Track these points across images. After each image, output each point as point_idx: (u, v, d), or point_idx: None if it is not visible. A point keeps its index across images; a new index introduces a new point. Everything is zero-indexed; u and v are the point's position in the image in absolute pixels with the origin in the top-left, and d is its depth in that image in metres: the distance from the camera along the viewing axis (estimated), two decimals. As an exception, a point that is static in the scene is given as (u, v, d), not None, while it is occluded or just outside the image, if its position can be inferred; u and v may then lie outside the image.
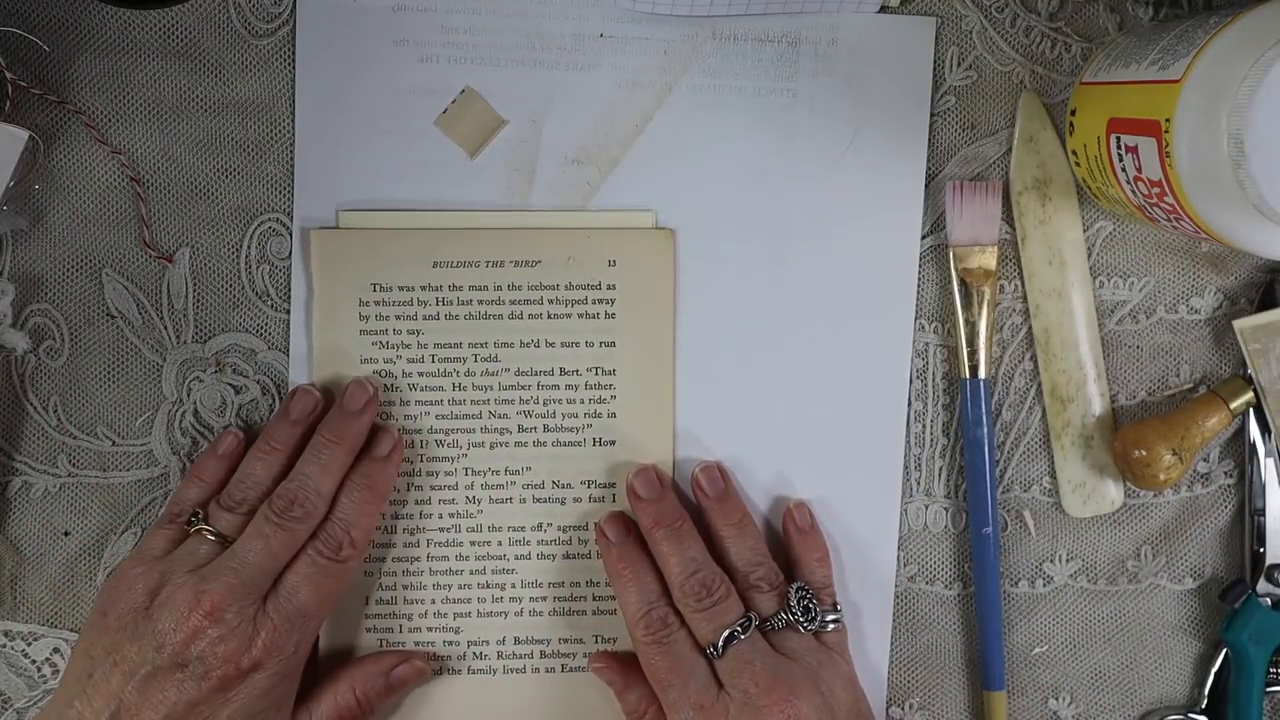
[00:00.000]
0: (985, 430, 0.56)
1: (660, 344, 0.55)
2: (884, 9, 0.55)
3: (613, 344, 0.55)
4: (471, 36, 0.54)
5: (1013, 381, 0.57)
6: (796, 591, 0.53)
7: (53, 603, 0.56)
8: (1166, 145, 0.44)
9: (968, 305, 0.56)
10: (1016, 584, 0.58)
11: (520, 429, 0.55)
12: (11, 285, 0.54)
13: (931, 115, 0.56)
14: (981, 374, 0.56)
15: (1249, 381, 0.55)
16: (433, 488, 0.56)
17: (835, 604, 0.55)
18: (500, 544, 0.56)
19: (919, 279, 0.56)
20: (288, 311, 0.55)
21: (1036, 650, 0.58)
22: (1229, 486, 0.58)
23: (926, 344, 0.57)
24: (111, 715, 0.48)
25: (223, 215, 0.55)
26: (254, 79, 0.55)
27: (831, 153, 0.56)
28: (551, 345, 0.55)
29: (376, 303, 0.55)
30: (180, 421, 0.56)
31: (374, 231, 0.55)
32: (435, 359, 0.55)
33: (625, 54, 0.55)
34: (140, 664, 0.48)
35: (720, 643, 0.51)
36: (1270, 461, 0.57)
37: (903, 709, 0.58)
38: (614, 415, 0.55)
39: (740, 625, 0.51)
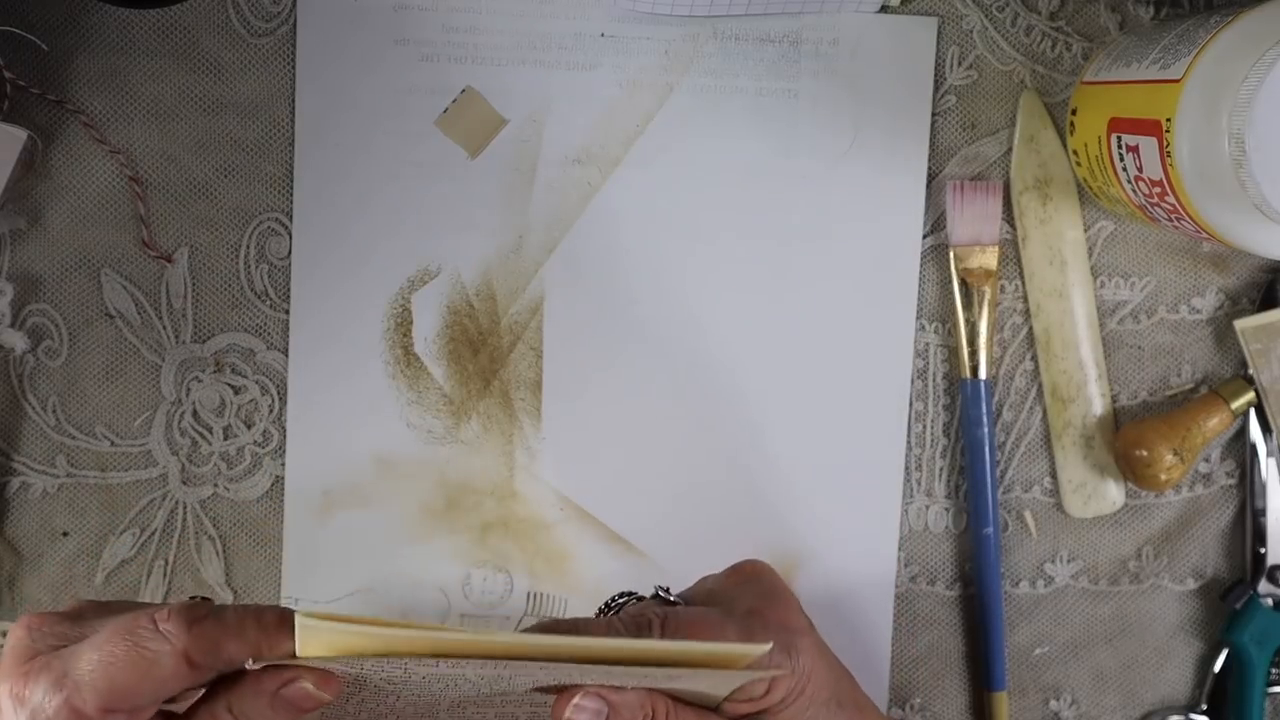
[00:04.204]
0: (986, 430, 0.56)
1: None
2: (885, 9, 0.55)
3: None
4: (472, 36, 0.54)
5: (1013, 382, 0.57)
6: None
7: (51, 603, 0.56)
8: (1167, 145, 0.44)
9: (968, 305, 0.56)
10: (1017, 584, 0.58)
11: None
12: (10, 285, 0.54)
13: (932, 115, 0.56)
14: (982, 374, 0.56)
15: (1250, 381, 0.55)
16: None
17: None
18: None
19: (919, 279, 0.56)
20: (287, 311, 0.55)
21: (1038, 651, 0.58)
22: (1230, 487, 0.58)
23: (927, 344, 0.57)
24: None
25: (222, 215, 0.55)
26: (254, 79, 0.55)
27: (832, 153, 0.55)
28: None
29: None
30: (179, 422, 0.56)
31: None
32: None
33: (626, 54, 0.55)
34: None
35: None
36: (1272, 461, 0.57)
37: (904, 710, 0.58)
38: None
39: None
